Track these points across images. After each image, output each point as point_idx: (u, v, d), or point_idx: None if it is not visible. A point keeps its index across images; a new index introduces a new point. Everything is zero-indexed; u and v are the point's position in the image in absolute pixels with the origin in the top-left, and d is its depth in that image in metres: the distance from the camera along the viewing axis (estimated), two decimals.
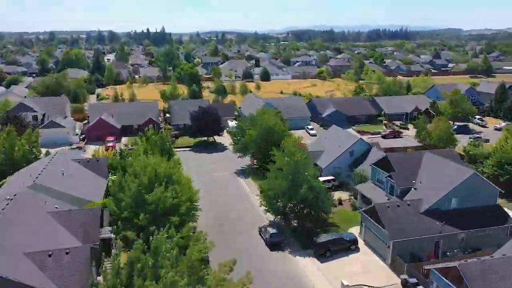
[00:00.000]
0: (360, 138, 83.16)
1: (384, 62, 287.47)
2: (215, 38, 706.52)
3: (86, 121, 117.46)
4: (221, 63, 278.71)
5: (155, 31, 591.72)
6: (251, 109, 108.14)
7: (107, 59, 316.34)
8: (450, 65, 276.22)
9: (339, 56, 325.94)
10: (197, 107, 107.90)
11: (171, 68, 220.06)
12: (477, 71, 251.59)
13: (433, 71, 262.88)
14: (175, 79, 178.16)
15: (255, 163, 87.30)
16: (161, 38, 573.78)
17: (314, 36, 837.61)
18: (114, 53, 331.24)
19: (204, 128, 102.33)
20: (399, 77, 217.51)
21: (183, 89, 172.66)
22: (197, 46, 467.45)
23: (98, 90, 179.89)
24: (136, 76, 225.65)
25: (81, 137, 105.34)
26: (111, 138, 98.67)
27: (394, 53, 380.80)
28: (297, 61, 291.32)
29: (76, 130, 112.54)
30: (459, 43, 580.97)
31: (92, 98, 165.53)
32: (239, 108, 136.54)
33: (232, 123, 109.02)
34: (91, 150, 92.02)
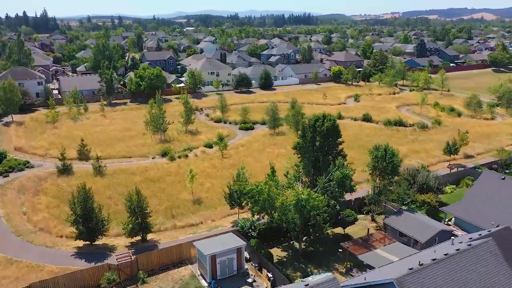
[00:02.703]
0: None
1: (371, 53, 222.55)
2: (110, 24, 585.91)
3: None
4: (176, 61, 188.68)
5: (34, 15, 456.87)
6: None
7: None
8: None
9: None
10: None
11: (114, 74, 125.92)
12: (499, 64, 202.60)
13: (451, 65, 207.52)
14: (158, 99, 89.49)
15: None
16: (43, 23, 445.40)
17: (222, 21, 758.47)
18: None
19: None
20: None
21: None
22: (102, 33, 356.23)
23: None
24: (54, 90, 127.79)
25: None
26: None
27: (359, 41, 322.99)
28: (272, 55, 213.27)
29: None
30: (364, 27, 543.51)
31: None
32: None
33: None
34: None
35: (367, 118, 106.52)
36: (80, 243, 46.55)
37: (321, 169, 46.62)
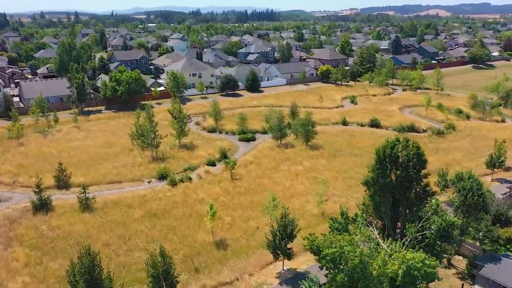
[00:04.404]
0: None
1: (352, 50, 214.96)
2: (66, 20, 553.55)
3: None
4: (147, 60, 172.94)
5: None
6: None
7: None
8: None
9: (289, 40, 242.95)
10: None
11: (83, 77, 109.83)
12: (479, 61, 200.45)
13: (433, 62, 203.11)
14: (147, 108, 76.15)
15: None
16: None
17: (184, 17, 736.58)
18: None
19: None
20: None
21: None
22: (59, 30, 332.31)
23: None
24: (14, 97, 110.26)
25: None
26: None
27: (327, 37, 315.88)
28: (250, 53, 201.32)
29: None
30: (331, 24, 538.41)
31: None
32: None
33: None
34: None
35: (375, 124, 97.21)
36: None
37: (400, 211, 35.79)
